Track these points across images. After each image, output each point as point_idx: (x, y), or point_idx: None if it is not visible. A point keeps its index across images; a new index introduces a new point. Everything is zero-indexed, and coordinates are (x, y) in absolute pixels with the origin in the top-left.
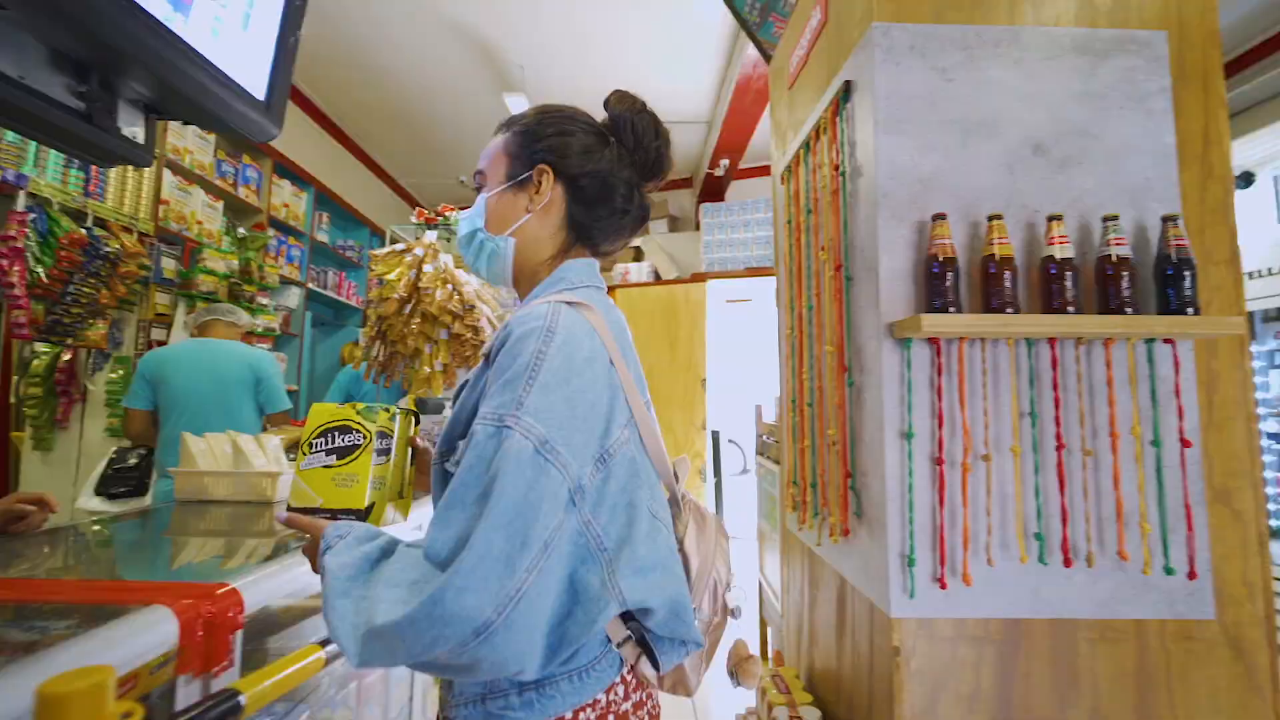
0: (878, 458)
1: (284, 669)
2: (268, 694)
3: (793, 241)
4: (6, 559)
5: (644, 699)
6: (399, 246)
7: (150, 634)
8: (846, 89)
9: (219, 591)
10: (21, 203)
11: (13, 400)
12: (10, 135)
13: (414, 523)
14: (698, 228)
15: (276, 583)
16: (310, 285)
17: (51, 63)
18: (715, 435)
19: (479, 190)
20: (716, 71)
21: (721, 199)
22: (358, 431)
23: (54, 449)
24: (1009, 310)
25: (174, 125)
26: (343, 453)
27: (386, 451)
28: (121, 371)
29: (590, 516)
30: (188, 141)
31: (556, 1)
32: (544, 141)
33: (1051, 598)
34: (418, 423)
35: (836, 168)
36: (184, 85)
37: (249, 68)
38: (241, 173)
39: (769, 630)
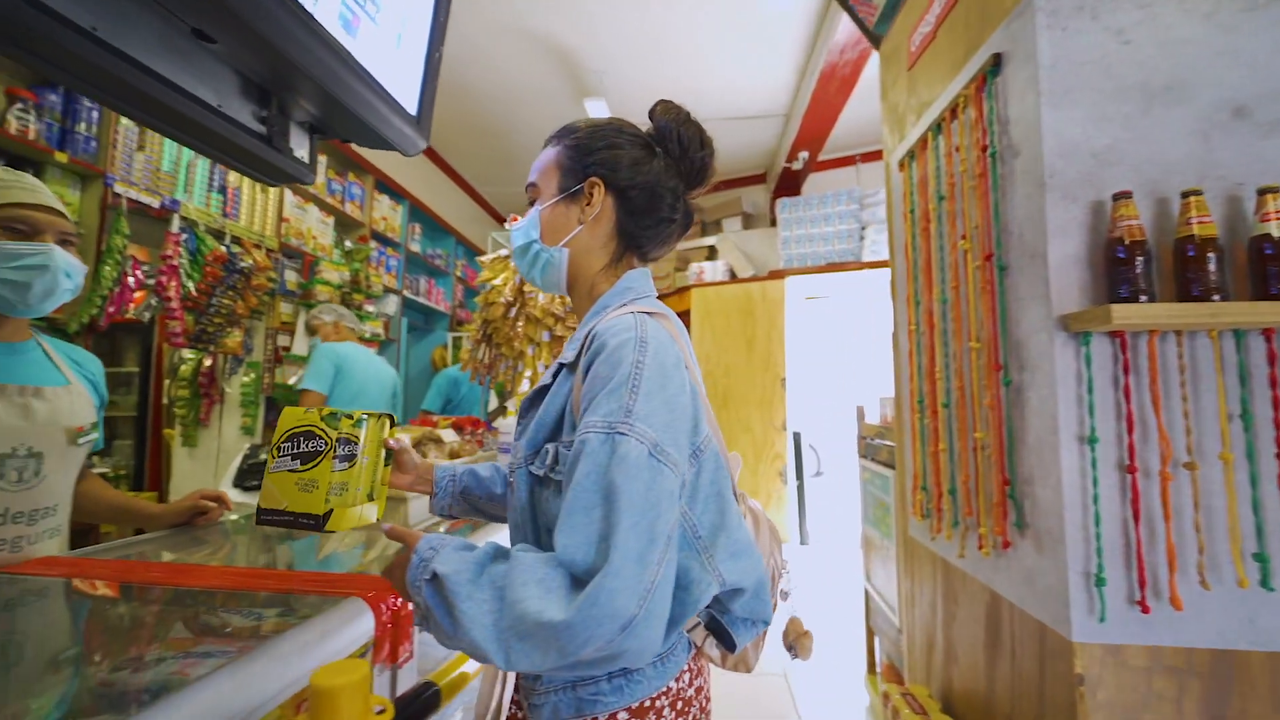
0: (1048, 464)
1: (465, 661)
2: (456, 685)
3: (917, 232)
4: (198, 547)
5: (702, 684)
6: (503, 252)
7: (355, 625)
8: (996, 62)
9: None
10: (175, 225)
11: (164, 401)
12: (166, 164)
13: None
14: (773, 223)
15: None
16: (405, 293)
17: (242, 91)
18: (797, 437)
19: (531, 203)
20: (796, 63)
21: (798, 193)
22: (320, 438)
23: (198, 445)
24: (1215, 297)
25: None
26: (306, 458)
27: (350, 458)
28: (253, 375)
29: (687, 508)
30: None
31: (634, 6)
32: (595, 155)
33: (1272, 628)
34: (393, 425)
35: (984, 148)
36: (354, 102)
37: (402, 84)
38: (347, 190)
39: (876, 640)
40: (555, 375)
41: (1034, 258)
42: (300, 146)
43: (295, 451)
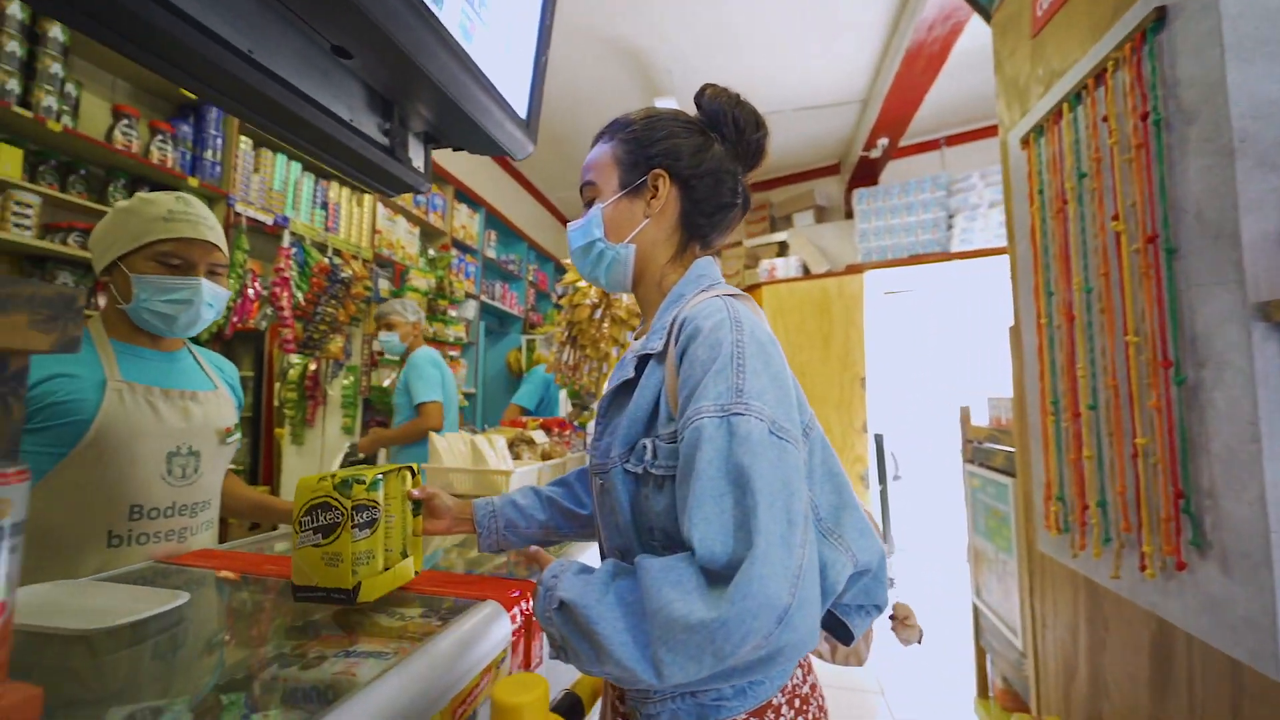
0: (1242, 475)
1: None
2: (595, 695)
3: (1048, 215)
4: None
5: (815, 680)
6: None
7: (495, 630)
8: (1159, 16)
9: (519, 592)
10: (286, 240)
11: (275, 403)
12: (277, 184)
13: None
14: (849, 216)
15: None
16: (483, 297)
17: (369, 104)
18: (879, 439)
19: (589, 203)
20: (876, 45)
21: (875, 182)
22: (336, 509)
23: (304, 443)
24: None
25: None
26: (326, 531)
27: (370, 524)
28: (352, 378)
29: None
30: None
31: (705, 1)
32: (655, 146)
33: None
34: (414, 474)
35: (1144, 116)
36: (473, 108)
37: (513, 87)
38: (430, 201)
39: (988, 660)
40: (639, 368)
41: (1218, 238)
42: (417, 156)
43: (315, 525)
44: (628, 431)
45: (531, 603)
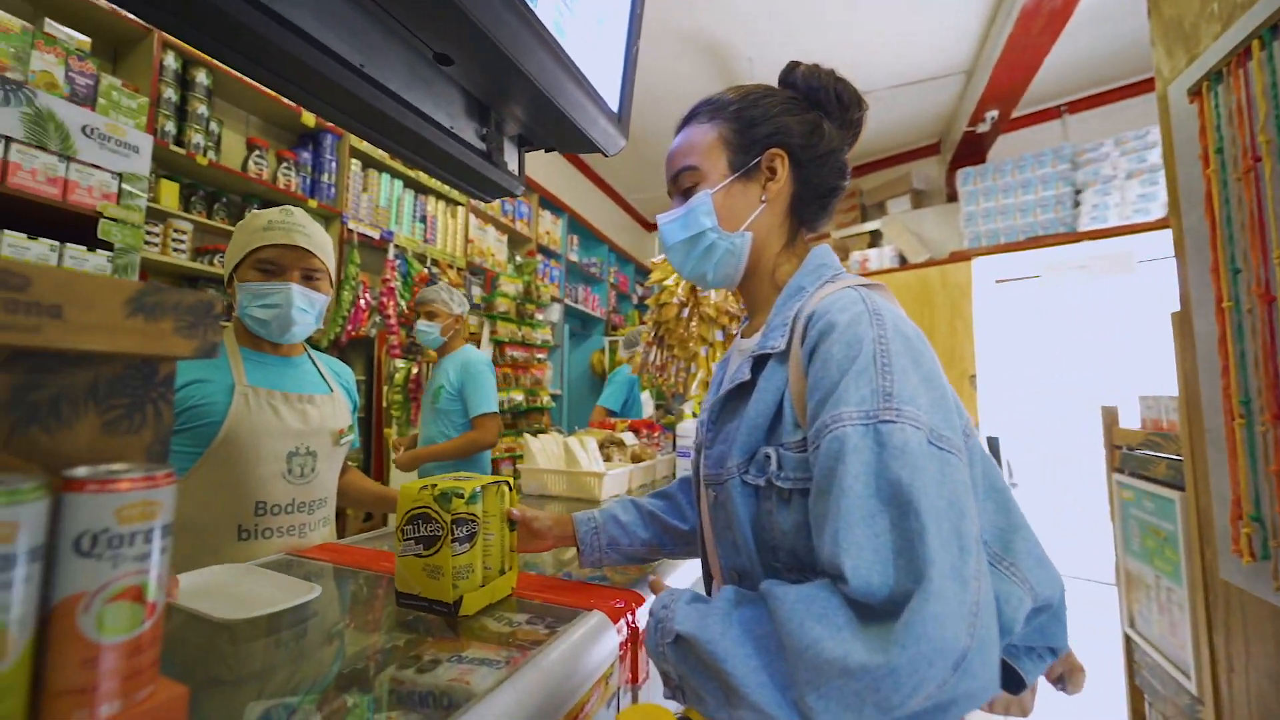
0: None
1: None
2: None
3: (1229, 177)
4: None
5: None
6: None
7: (603, 642)
8: None
9: (623, 602)
10: (391, 253)
11: (384, 405)
12: (383, 201)
13: None
14: (951, 198)
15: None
16: (566, 301)
17: (467, 111)
18: (994, 443)
19: (686, 191)
20: (982, 8)
21: (983, 160)
22: (436, 521)
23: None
24: None
25: None
26: (428, 543)
27: (469, 538)
28: None
29: None
30: None
31: None
32: (766, 124)
33: None
34: (511, 489)
35: None
36: (568, 105)
37: (604, 81)
38: (517, 209)
39: (1146, 703)
40: (755, 369)
41: None
42: (511, 160)
43: (417, 535)
44: (746, 439)
45: (634, 615)
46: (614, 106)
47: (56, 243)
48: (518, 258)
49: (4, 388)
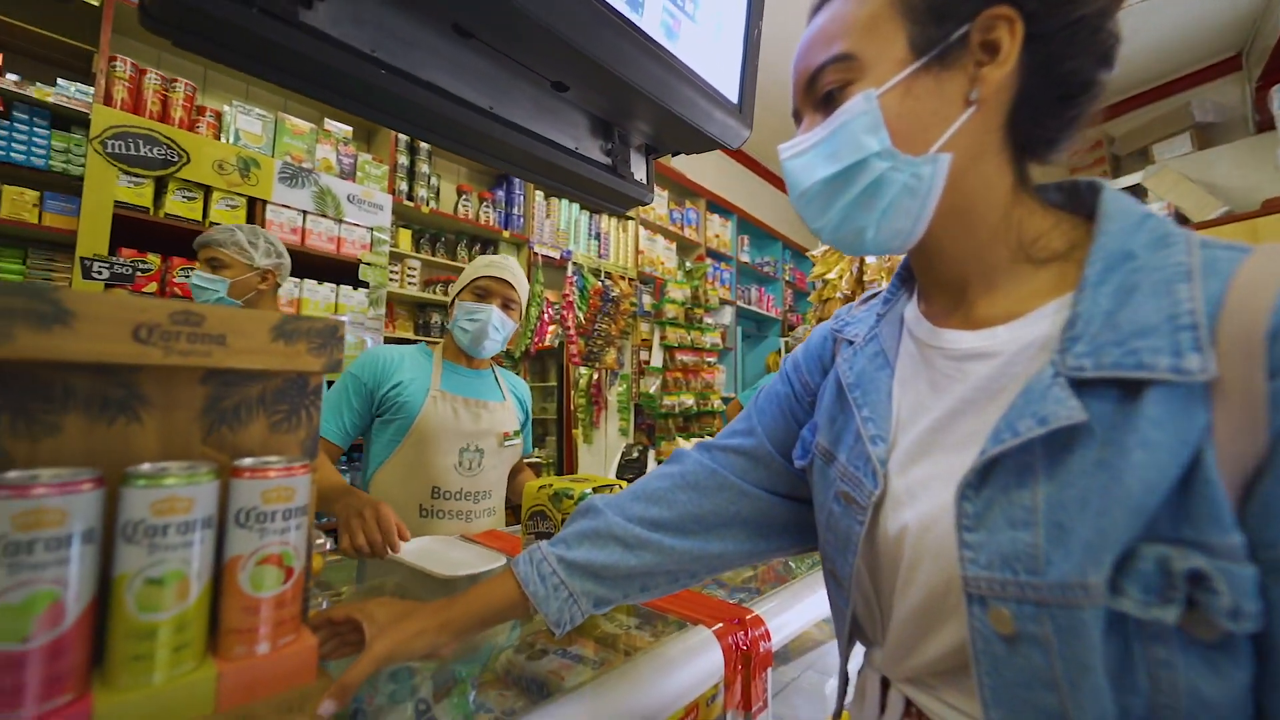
0: None
1: None
2: None
3: None
4: None
5: None
6: None
7: (704, 660)
8: None
9: (747, 617)
10: (570, 270)
11: (571, 408)
12: (562, 224)
13: None
14: (1263, 127)
15: (794, 612)
16: (738, 303)
17: (590, 130)
18: None
19: (828, 99)
20: None
21: None
22: (549, 519)
23: (593, 442)
24: None
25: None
26: (544, 538)
27: None
28: (624, 386)
29: None
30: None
31: None
32: None
33: None
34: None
35: None
36: (680, 107)
37: (723, 75)
38: (685, 215)
39: None
40: (1097, 401)
41: None
42: (639, 170)
43: (536, 530)
44: (1111, 529)
45: (748, 637)
46: (734, 97)
47: (334, 285)
48: (687, 264)
49: (203, 397)
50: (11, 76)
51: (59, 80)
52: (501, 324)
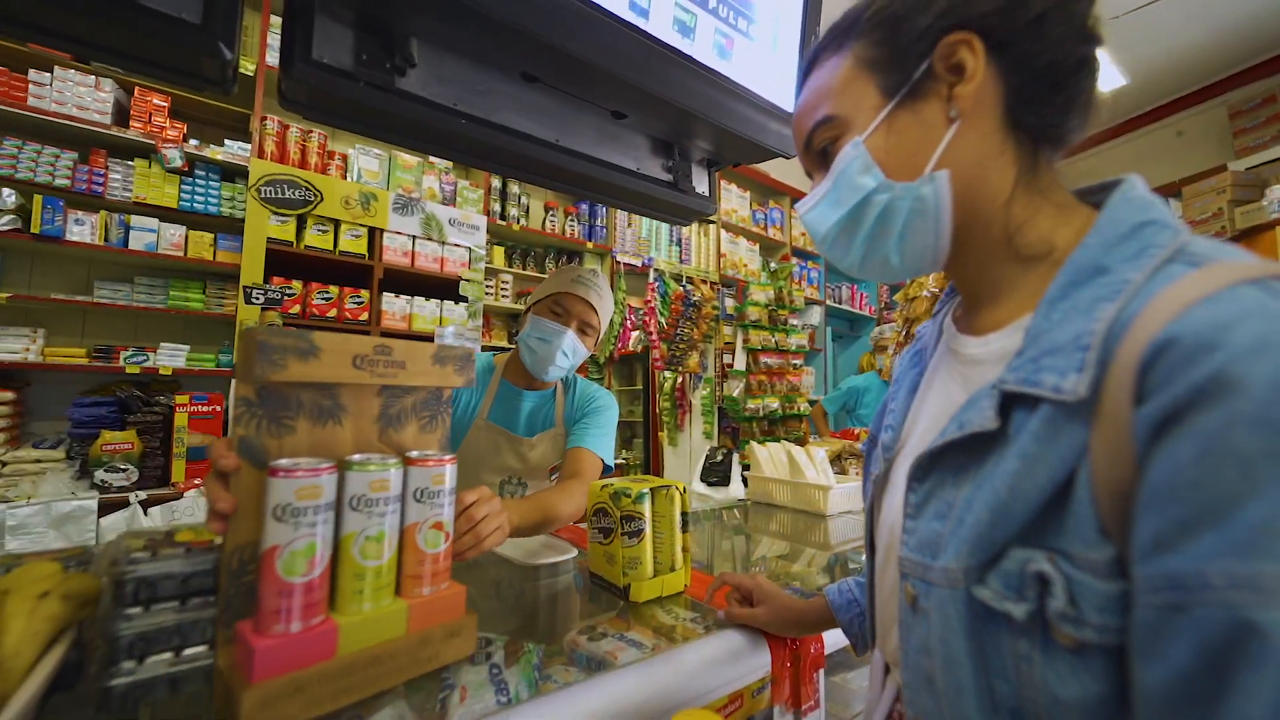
0: None
1: None
2: None
3: None
4: None
5: None
6: None
7: (749, 658)
8: None
9: None
10: (651, 276)
11: (656, 411)
12: (644, 233)
13: None
14: None
15: None
16: (828, 302)
17: (651, 151)
18: None
19: (825, 155)
20: None
21: None
22: (609, 515)
23: (678, 445)
24: None
25: (727, 195)
26: (605, 533)
27: (637, 533)
28: (708, 390)
29: None
30: (733, 204)
31: None
32: (929, 8)
33: None
34: (683, 493)
35: None
36: (735, 123)
37: (780, 85)
38: (769, 216)
39: None
40: (1005, 415)
41: None
42: (701, 183)
43: (598, 526)
44: (989, 529)
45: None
46: (789, 107)
47: (439, 300)
48: (771, 264)
49: (379, 406)
50: (193, 141)
51: (225, 141)
52: (572, 351)
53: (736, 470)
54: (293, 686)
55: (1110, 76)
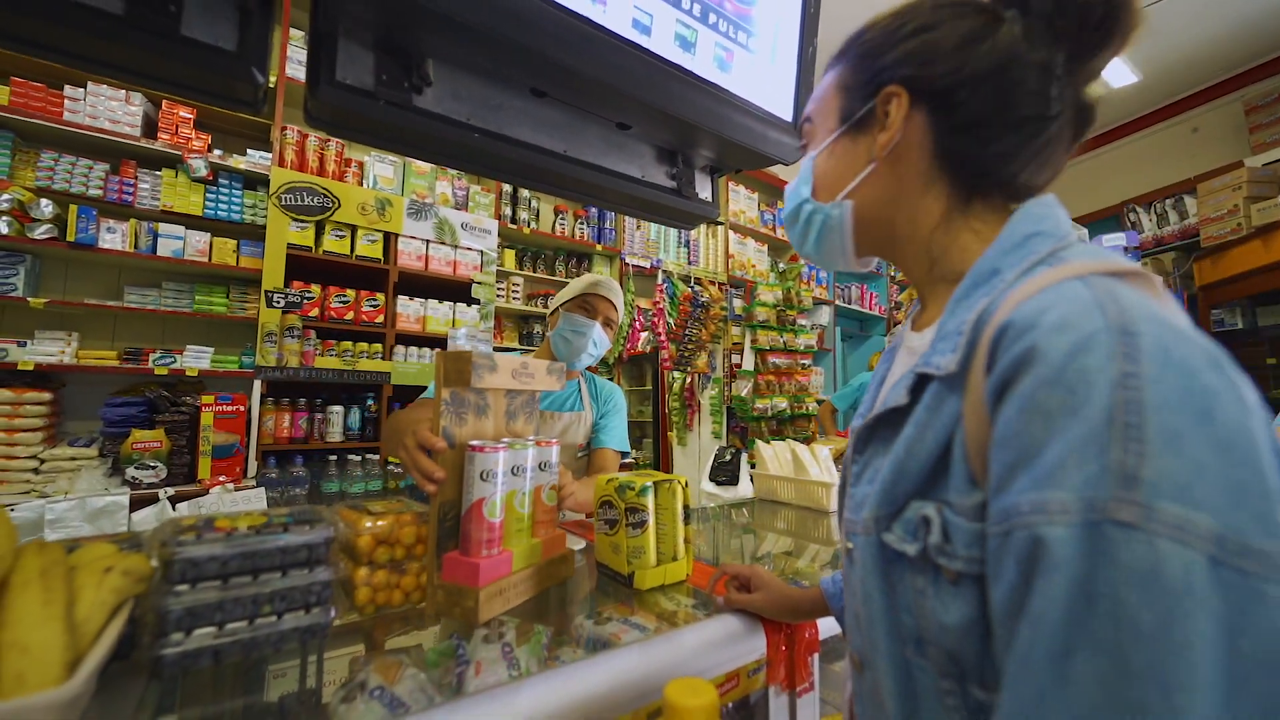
0: None
1: None
2: None
3: None
4: None
5: None
6: None
7: (744, 641)
8: None
9: None
10: (660, 278)
11: (665, 411)
12: (652, 234)
13: None
14: None
15: None
16: (837, 302)
17: (656, 159)
18: None
19: (803, 149)
20: None
21: None
22: (614, 507)
23: (687, 444)
24: None
25: (734, 195)
26: (611, 524)
27: (641, 524)
28: (716, 390)
29: None
30: (740, 205)
31: None
32: (895, 51)
33: None
34: (685, 487)
35: None
36: (735, 133)
37: (778, 95)
38: (777, 216)
39: None
40: (914, 391)
41: None
42: (704, 189)
43: (604, 517)
44: (892, 486)
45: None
46: (788, 116)
47: (451, 303)
48: (780, 265)
49: (505, 404)
50: (217, 152)
51: (248, 150)
52: (599, 341)
53: (745, 469)
54: (496, 590)
55: (1122, 73)
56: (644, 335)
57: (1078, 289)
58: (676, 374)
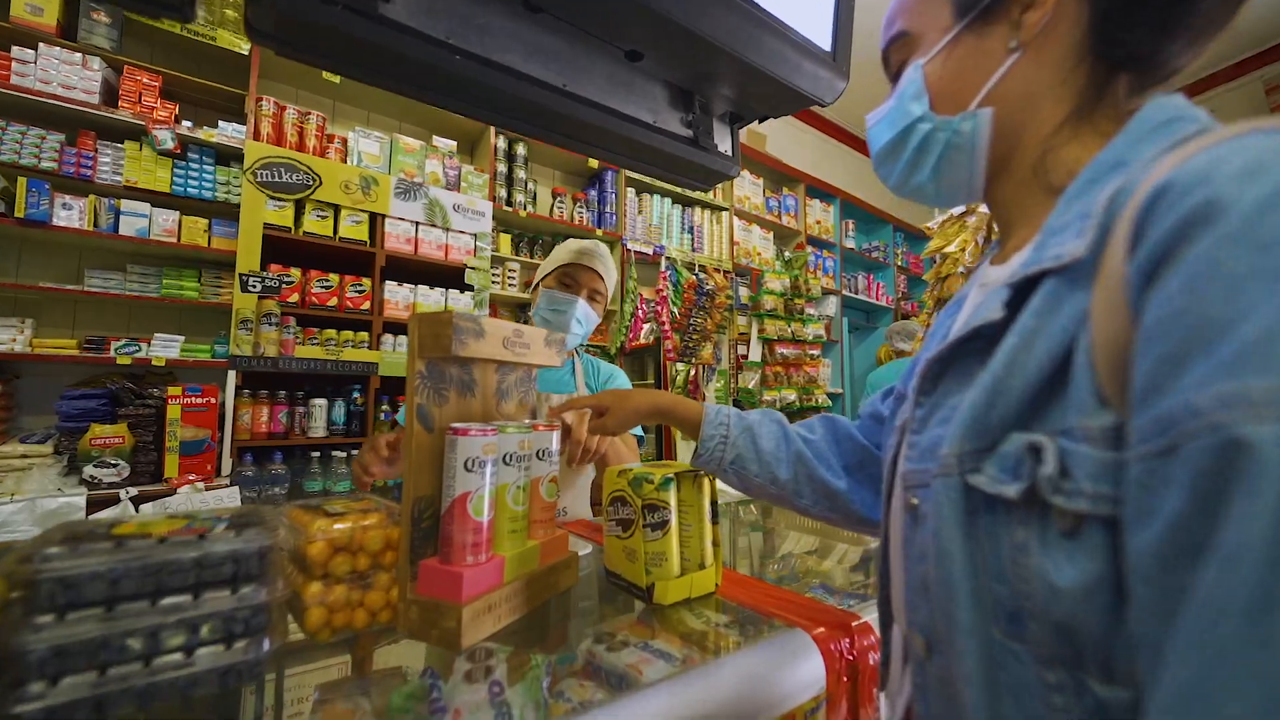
0: None
1: None
2: None
3: None
4: None
5: None
6: (956, 210)
7: (800, 669)
8: None
9: (854, 624)
10: (663, 265)
11: None
12: (655, 219)
13: None
14: None
15: None
16: (844, 292)
17: (670, 102)
18: None
19: (897, 74)
20: None
21: None
22: (629, 504)
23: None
24: None
25: (739, 181)
26: (624, 525)
27: (661, 525)
28: (722, 382)
29: None
30: (745, 190)
31: None
32: None
33: None
34: (712, 481)
35: None
36: (767, 61)
37: (814, 19)
38: (782, 203)
39: None
40: (1016, 302)
41: None
42: (723, 140)
43: (616, 517)
44: (983, 416)
45: (851, 645)
46: (826, 45)
47: (443, 289)
48: (785, 253)
49: (496, 381)
50: (185, 123)
51: (219, 122)
52: (585, 318)
53: None
54: (484, 605)
55: None
56: (646, 326)
57: (1258, 139)
58: (680, 366)
